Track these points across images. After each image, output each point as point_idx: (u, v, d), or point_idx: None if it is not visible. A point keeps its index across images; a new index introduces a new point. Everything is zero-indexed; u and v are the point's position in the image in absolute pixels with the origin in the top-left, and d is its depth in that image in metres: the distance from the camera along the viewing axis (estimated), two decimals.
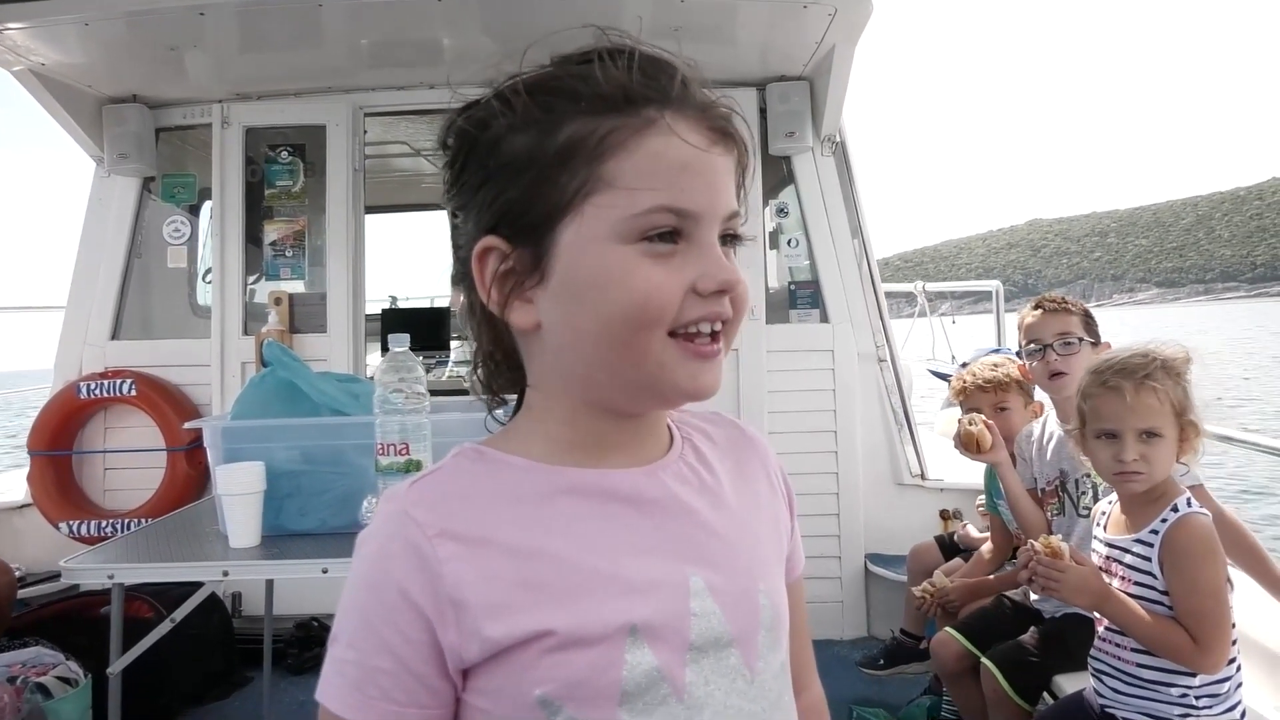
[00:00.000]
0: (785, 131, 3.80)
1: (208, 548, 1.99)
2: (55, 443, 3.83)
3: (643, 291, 0.66)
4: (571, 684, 0.65)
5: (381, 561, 0.67)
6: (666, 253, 0.67)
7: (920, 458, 3.96)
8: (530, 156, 0.68)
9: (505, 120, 0.69)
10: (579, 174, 0.66)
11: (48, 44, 3.32)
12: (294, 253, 4.01)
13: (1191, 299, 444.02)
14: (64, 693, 2.66)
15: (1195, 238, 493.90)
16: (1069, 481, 2.42)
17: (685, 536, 0.72)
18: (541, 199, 0.68)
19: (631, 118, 0.67)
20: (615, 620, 0.67)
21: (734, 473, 0.80)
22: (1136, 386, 1.75)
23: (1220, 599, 1.70)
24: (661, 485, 0.73)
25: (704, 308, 0.68)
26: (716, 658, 0.70)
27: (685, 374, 0.68)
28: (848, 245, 3.94)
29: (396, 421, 1.77)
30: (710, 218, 0.68)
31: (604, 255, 0.66)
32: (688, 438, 0.79)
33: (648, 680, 0.67)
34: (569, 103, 0.68)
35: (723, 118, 0.70)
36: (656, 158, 0.66)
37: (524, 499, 0.70)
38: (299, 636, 3.60)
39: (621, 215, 0.66)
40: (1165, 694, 1.74)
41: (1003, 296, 5.52)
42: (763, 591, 0.75)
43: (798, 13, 3.20)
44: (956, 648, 2.47)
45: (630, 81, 0.67)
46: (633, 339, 0.67)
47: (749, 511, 0.79)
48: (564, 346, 0.70)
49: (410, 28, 3.37)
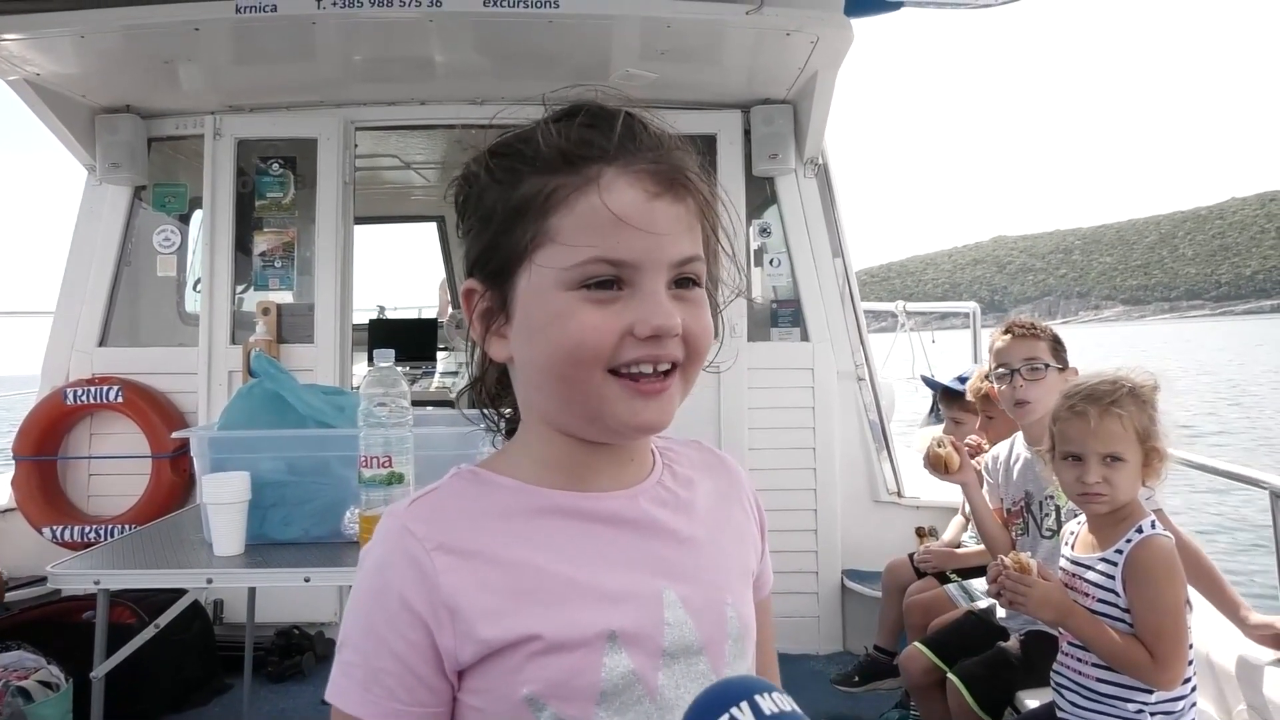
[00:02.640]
0: (769, 153, 3.88)
1: (193, 555, 2.02)
2: (41, 448, 3.85)
3: (578, 333, 0.71)
4: (555, 684, 0.71)
5: (383, 572, 0.74)
6: (607, 299, 0.72)
7: (897, 475, 4.03)
8: (494, 211, 0.76)
9: (484, 179, 0.78)
10: (530, 228, 0.74)
11: (43, 54, 3.36)
12: (283, 263, 4.05)
13: (1158, 316, 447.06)
14: (45, 696, 2.68)
15: (1159, 256, 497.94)
16: (1033, 503, 2.48)
17: (660, 554, 0.79)
18: (502, 249, 0.75)
19: (573, 176, 0.73)
20: (595, 627, 0.73)
21: (709, 495, 0.86)
22: (1101, 412, 1.82)
23: (1179, 618, 1.76)
24: (638, 508, 0.80)
25: (641, 349, 0.72)
26: (687, 664, 0.76)
27: (626, 409, 0.74)
28: (829, 265, 4.01)
29: (380, 434, 1.82)
30: (651, 266, 0.72)
31: (549, 301, 0.73)
32: (669, 463, 0.86)
33: (624, 682, 0.73)
34: (523, 164, 0.75)
35: (670, 169, 0.74)
36: (593, 213, 0.72)
37: (512, 516, 0.76)
38: (279, 644, 3.62)
39: (563, 265, 0.72)
40: (1122, 709, 1.80)
41: (979, 317, 5.60)
42: (730, 604, 0.81)
43: (781, 39, 3.28)
44: (924, 662, 2.52)
45: (567, 142, 0.73)
46: (575, 376, 0.73)
47: (721, 531, 0.85)
48: (529, 380, 0.78)
49: (402, 44, 3.43)
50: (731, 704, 0.61)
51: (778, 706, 0.61)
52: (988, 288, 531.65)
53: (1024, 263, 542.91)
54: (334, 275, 3.97)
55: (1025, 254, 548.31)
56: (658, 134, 0.76)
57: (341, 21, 3.19)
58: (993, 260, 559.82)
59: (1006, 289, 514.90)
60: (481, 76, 3.73)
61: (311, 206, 3.99)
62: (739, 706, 0.61)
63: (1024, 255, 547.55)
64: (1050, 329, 2.56)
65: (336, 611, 3.87)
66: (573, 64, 3.58)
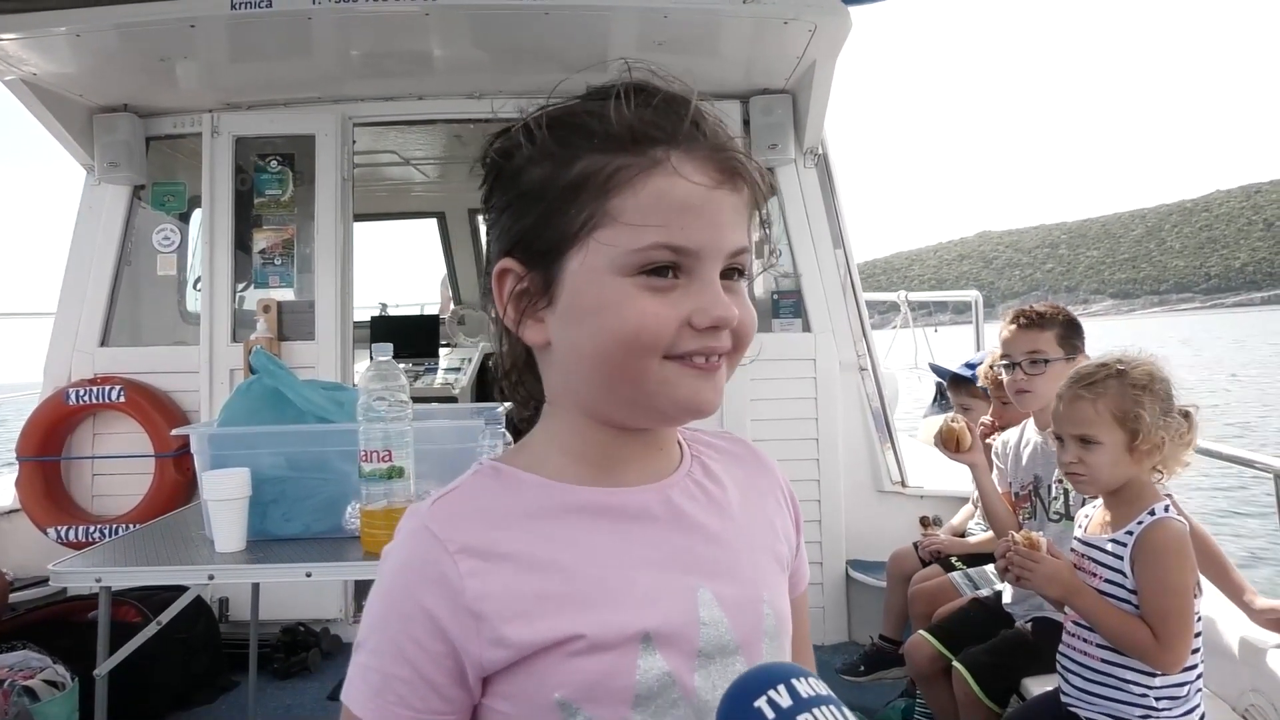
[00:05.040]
0: (768, 144, 3.86)
1: (194, 552, 2.02)
2: (44, 448, 3.85)
3: (636, 321, 0.69)
4: (588, 686, 0.69)
5: (403, 575, 0.72)
6: (665, 286, 0.70)
7: (901, 465, 4.02)
8: (545, 188, 0.72)
9: (526, 152, 0.73)
10: (587, 208, 0.70)
11: (40, 54, 3.36)
12: (283, 261, 4.05)
13: (1147, 310, 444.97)
14: (51, 696, 2.69)
15: (1147, 249, 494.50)
16: (1042, 487, 2.48)
17: (692, 550, 0.76)
18: (552, 228, 0.71)
19: (639, 157, 0.70)
20: (629, 628, 0.71)
21: (743, 486, 0.84)
22: (1074, 396, 1.86)
23: (1185, 601, 1.76)
24: (669, 503, 0.77)
25: (698, 341, 0.71)
26: (723, 664, 0.74)
27: (687, 389, 0.72)
28: (829, 255, 4.00)
29: (380, 429, 1.81)
30: (711, 255, 0.71)
31: (604, 286, 0.70)
32: (697, 455, 0.83)
33: (659, 684, 0.71)
34: (583, 139, 0.71)
35: (733, 158, 0.73)
36: (659, 196, 0.69)
37: (538, 515, 0.74)
38: (284, 641, 3.63)
39: (623, 250, 0.69)
40: (1127, 692, 1.79)
41: (982, 306, 5.59)
42: (766, 601, 0.79)
43: (779, 28, 3.26)
44: (929, 650, 2.52)
45: (639, 122, 0.70)
46: (627, 364, 0.70)
47: (755, 525, 0.83)
48: (569, 366, 0.75)
49: (399, 39, 3.42)
50: (769, 687, 0.61)
51: (814, 690, 0.61)
52: (974, 283, 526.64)
53: (1010, 258, 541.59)
54: (334, 272, 3.96)
55: (1011, 249, 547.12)
56: (716, 121, 0.74)
57: (338, 17, 3.19)
58: (979, 256, 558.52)
59: (993, 284, 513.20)
60: (479, 70, 3.72)
61: (310, 203, 3.99)
62: (776, 689, 0.61)
63: (1010, 250, 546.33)
64: (1063, 314, 2.53)
65: (342, 608, 3.87)
66: (570, 56, 3.57)
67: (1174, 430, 1.81)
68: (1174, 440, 1.81)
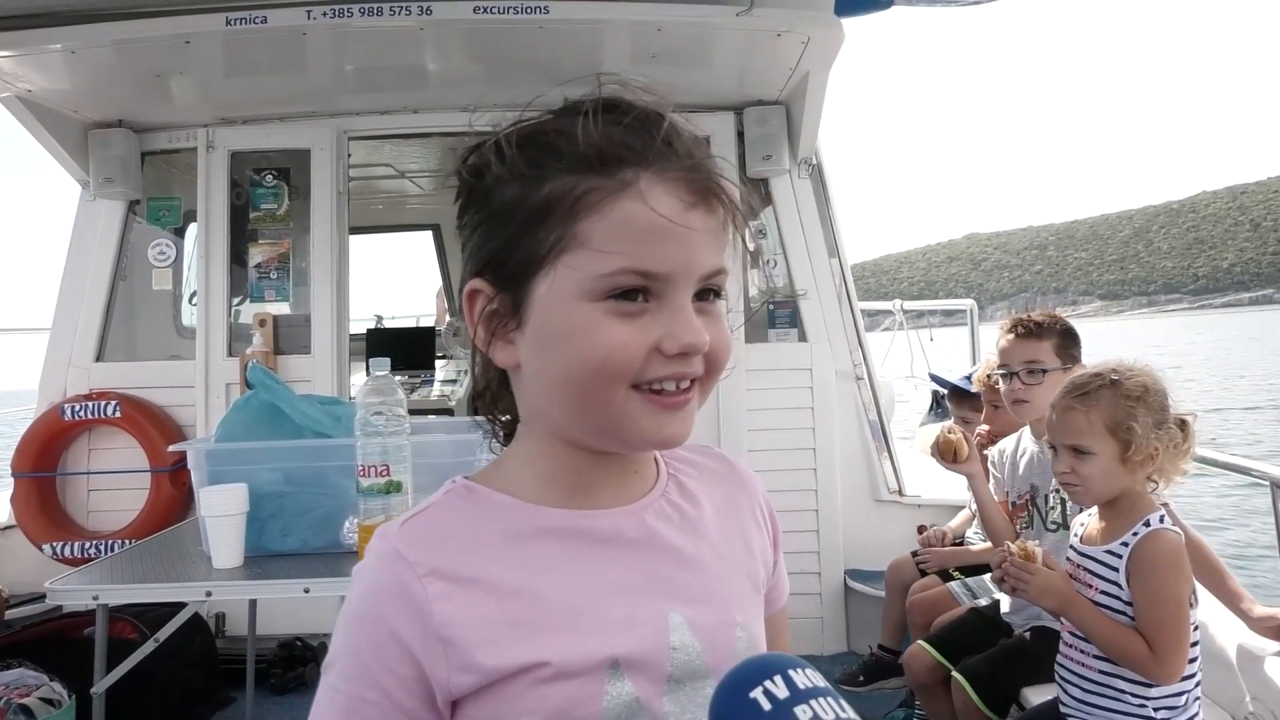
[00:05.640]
0: (762, 155, 3.88)
1: (191, 568, 2.02)
2: (39, 464, 3.84)
3: (606, 348, 0.67)
4: (554, 714, 0.68)
5: (372, 599, 0.70)
6: (634, 311, 0.68)
7: (898, 474, 4.02)
8: (514, 209, 0.70)
9: (497, 170, 0.72)
10: (554, 230, 0.68)
11: (35, 71, 3.36)
12: (278, 274, 4.05)
13: (1136, 311, 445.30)
14: (47, 713, 2.67)
15: (1135, 250, 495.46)
16: (1039, 496, 2.48)
17: (664, 575, 0.75)
18: (521, 251, 0.70)
19: (607, 179, 0.68)
20: (597, 655, 0.70)
21: (720, 505, 0.83)
22: (1067, 406, 1.86)
23: (1180, 612, 1.75)
24: (642, 525, 0.76)
25: (668, 367, 0.69)
26: (693, 688, 0.73)
27: (650, 424, 0.70)
28: (825, 265, 4.01)
29: (377, 443, 1.82)
30: (682, 279, 0.69)
31: (572, 311, 0.68)
32: (675, 473, 0.82)
33: (627, 710, 0.70)
34: (551, 159, 0.69)
35: (708, 178, 0.71)
36: (628, 221, 0.67)
37: (510, 538, 0.72)
38: (282, 656, 3.61)
39: (591, 274, 0.67)
40: (1125, 702, 1.79)
41: (977, 315, 5.60)
42: (739, 624, 0.78)
43: (772, 40, 3.28)
44: (928, 660, 2.52)
45: (607, 142, 0.68)
46: (595, 391, 0.69)
47: (730, 546, 0.82)
48: (538, 389, 0.74)
49: (394, 53, 3.43)
50: (766, 677, 0.61)
51: (811, 682, 0.61)
52: (963, 285, 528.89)
53: (998, 259, 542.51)
54: (330, 285, 3.96)
55: (999, 250, 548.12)
56: (691, 139, 0.72)
57: (332, 32, 3.19)
58: (967, 258, 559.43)
59: (982, 286, 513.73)
60: (473, 83, 3.73)
61: (306, 217, 3.99)
62: (773, 680, 0.60)
63: (998, 252, 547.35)
64: (1061, 324, 2.51)
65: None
66: (564, 69, 3.56)
67: (1168, 440, 1.80)
68: (1169, 450, 1.81)
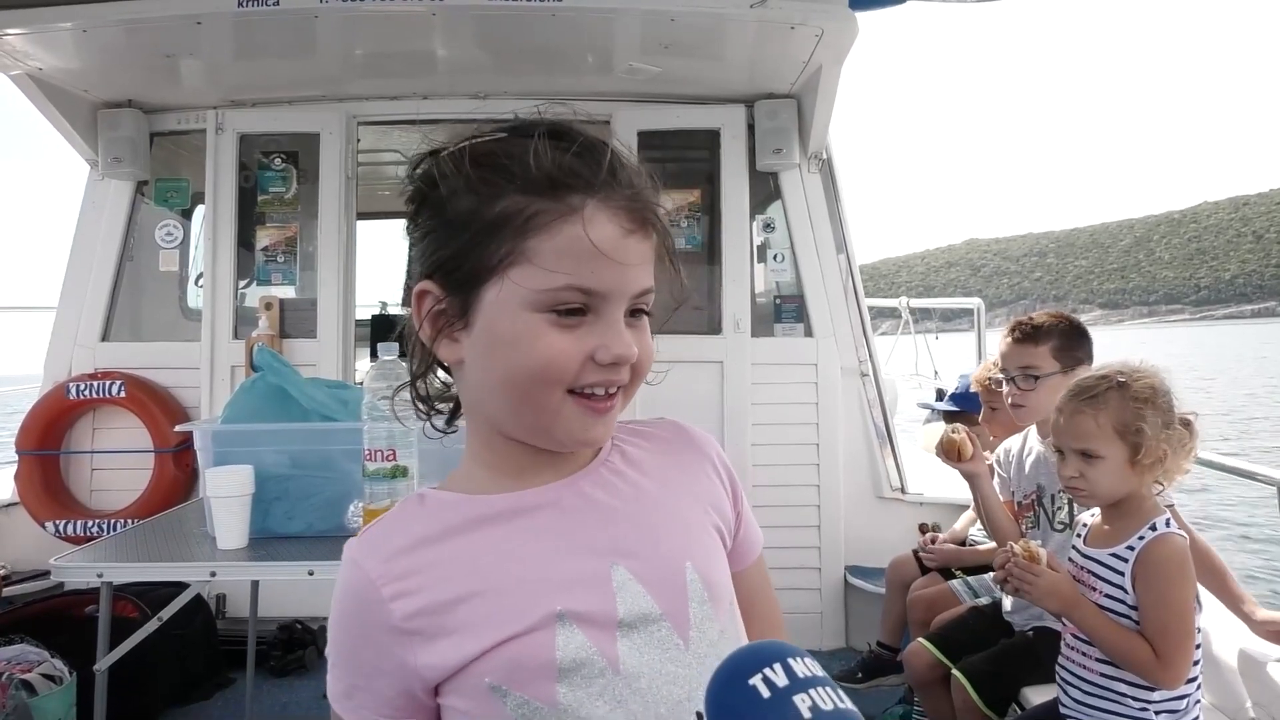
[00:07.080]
0: (773, 148, 3.86)
1: (196, 549, 2.02)
2: (43, 443, 3.85)
3: (546, 355, 0.75)
4: (512, 669, 0.74)
5: (343, 603, 0.79)
6: (573, 324, 0.76)
7: (901, 471, 4.02)
8: (468, 220, 0.77)
9: (453, 182, 0.78)
10: (505, 244, 0.75)
11: (46, 50, 3.36)
12: (285, 258, 4.05)
13: (1136, 320, 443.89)
14: (48, 690, 2.68)
15: (1136, 259, 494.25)
16: (1045, 496, 2.47)
17: (604, 534, 0.81)
18: (472, 260, 0.77)
19: (556, 203, 0.75)
20: (544, 610, 0.75)
21: (669, 467, 0.89)
22: (1074, 410, 1.83)
23: (1185, 617, 1.74)
24: (579, 493, 0.82)
25: (600, 374, 0.77)
26: (646, 631, 0.78)
27: (578, 425, 0.78)
28: (832, 261, 4.00)
29: (384, 428, 1.81)
30: (617, 296, 0.77)
31: (516, 318, 0.75)
32: (619, 444, 0.88)
33: (582, 655, 0.75)
34: (505, 179, 0.76)
35: (645, 208, 0.78)
36: (573, 242, 0.74)
37: (456, 531, 0.79)
38: (282, 639, 3.62)
39: (536, 288, 0.74)
40: (1126, 705, 1.79)
41: (984, 315, 5.58)
42: (691, 568, 0.82)
43: (785, 33, 3.26)
44: (928, 658, 2.51)
45: (558, 169, 0.75)
46: (533, 393, 0.76)
47: (676, 499, 0.87)
48: (480, 386, 0.81)
49: (404, 39, 3.43)
50: (765, 665, 0.61)
51: (810, 671, 0.61)
52: (962, 291, 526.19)
53: (998, 265, 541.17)
54: (336, 270, 3.96)
55: (999, 257, 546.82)
56: (632, 170, 0.79)
57: (343, 16, 3.19)
58: (966, 263, 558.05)
59: (981, 292, 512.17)
60: (483, 71, 3.72)
61: (314, 201, 3.99)
62: (772, 668, 0.61)
63: (998, 258, 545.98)
64: (1064, 324, 2.47)
65: None
66: (575, 58, 3.57)
67: (1175, 442, 1.80)
68: (1175, 451, 1.80)
